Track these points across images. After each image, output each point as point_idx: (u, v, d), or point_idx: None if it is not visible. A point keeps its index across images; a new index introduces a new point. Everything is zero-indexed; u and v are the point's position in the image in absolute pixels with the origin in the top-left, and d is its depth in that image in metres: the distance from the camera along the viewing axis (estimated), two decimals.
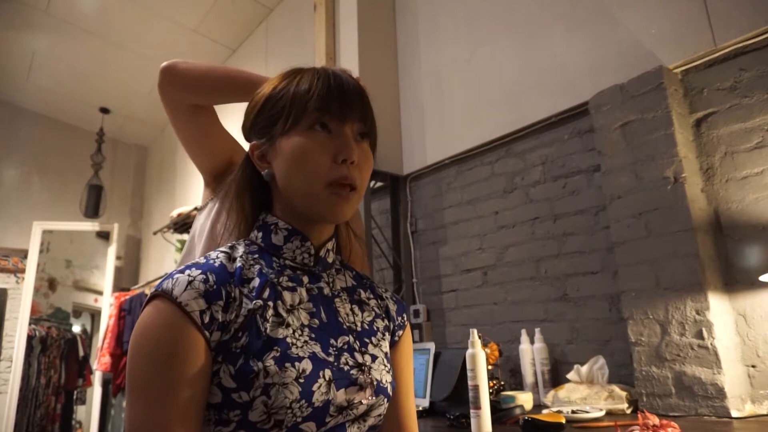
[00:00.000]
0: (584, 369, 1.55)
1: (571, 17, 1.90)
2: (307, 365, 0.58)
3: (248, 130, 0.70)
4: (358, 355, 0.64)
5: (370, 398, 0.62)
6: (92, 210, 4.54)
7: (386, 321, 0.73)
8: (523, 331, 1.80)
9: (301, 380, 0.56)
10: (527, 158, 2.01)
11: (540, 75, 1.98)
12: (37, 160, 4.83)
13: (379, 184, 2.55)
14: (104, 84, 4.42)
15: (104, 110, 4.75)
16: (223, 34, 3.77)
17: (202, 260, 0.61)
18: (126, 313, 4.00)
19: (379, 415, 0.65)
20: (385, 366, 0.67)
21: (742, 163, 1.41)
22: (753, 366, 1.32)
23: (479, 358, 1.15)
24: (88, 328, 4.82)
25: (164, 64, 0.97)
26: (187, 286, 0.55)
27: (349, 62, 2.54)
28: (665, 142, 1.45)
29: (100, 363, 4.02)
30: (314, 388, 0.57)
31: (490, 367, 1.68)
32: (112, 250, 4.64)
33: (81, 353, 4.52)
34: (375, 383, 0.63)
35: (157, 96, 1.05)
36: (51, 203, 4.77)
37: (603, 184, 1.62)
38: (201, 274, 0.57)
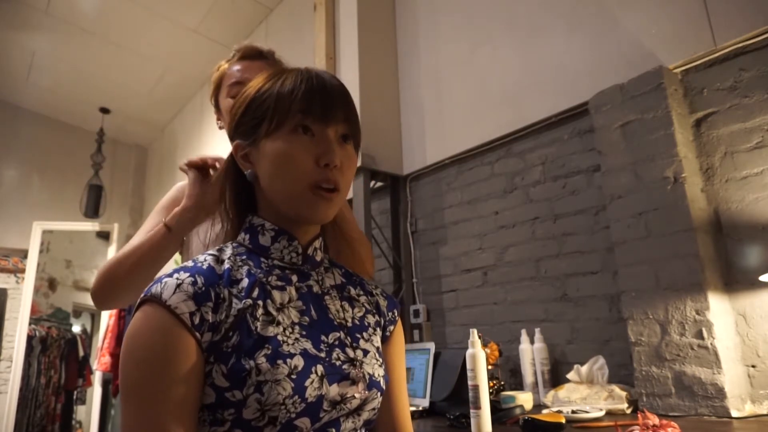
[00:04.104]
0: (584, 369, 1.55)
1: (571, 17, 1.90)
2: (298, 361, 0.58)
3: (232, 131, 0.71)
4: (349, 350, 0.65)
5: (363, 392, 0.63)
6: (92, 210, 4.54)
7: (377, 316, 0.74)
8: (523, 331, 1.80)
9: (294, 376, 0.57)
10: (527, 158, 2.01)
11: (540, 75, 1.98)
12: (37, 160, 4.83)
13: (379, 184, 2.56)
14: (104, 84, 4.42)
15: (104, 110, 4.75)
16: (223, 34, 3.76)
17: (190, 263, 0.62)
18: (126, 313, 4.00)
19: (373, 409, 0.66)
20: (377, 360, 0.68)
21: (742, 163, 1.41)
22: (753, 366, 1.33)
23: (479, 358, 1.15)
24: (88, 328, 4.82)
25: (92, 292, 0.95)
26: (175, 289, 0.56)
27: (349, 62, 2.54)
28: (665, 142, 1.45)
29: (100, 363, 4.03)
30: (307, 383, 0.57)
31: (490, 367, 1.68)
32: (112, 250, 4.64)
33: (81, 353, 4.52)
34: (367, 377, 0.64)
35: (157, 96, 1.06)
36: (51, 203, 4.77)
37: (603, 184, 1.62)
38: (189, 276, 0.58)
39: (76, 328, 4.69)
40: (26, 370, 4.15)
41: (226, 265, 0.63)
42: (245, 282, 0.61)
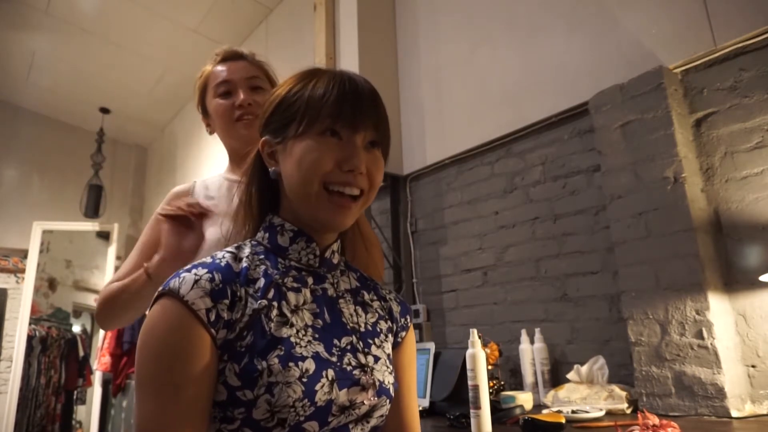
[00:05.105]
0: (584, 369, 1.55)
1: (571, 17, 1.90)
2: (310, 365, 0.58)
3: (261, 128, 0.71)
4: (361, 356, 0.65)
5: (372, 399, 0.63)
6: (92, 210, 4.54)
7: (389, 322, 0.74)
8: (523, 331, 1.80)
9: (305, 380, 0.57)
10: (527, 158, 2.01)
11: (540, 75, 1.98)
12: (37, 160, 4.83)
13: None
14: (104, 84, 4.42)
15: (104, 110, 4.75)
16: (223, 34, 3.76)
17: (209, 260, 0.62)
18: None
19: (381, 416, 0.66)
20: (388, 367, 0.68)
21: (742, 163, 1.41)
22: (753, 366, 1.33)
23: (479, 358, 1.15)
24: (88, 328, 4.82)
25: (96, 317, 1.06)
26: (193, 285, 0.56)
27: (349, 62, 2.54)
28: (665, 142, 1.45)
29: (100, 363, 4.03)
30: (317, 387, 0.57)
31: (490, 367, 1.68)
32: (112, 250, 4.63)
33: (81, 353, 4.52)
34: (377, 384, 0.64)
35: (157, 96, 1.06)
36: (51, 203, 4.77)
37: (603, 184, 1.62)
38: (207, 273, 0.58)
39: (76, 328, 4.69)
40: (26, 370, 4.15)
41: (244, 264, 0.63)
42: (261, 282, 0.62)
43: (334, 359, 0.61)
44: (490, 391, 1.58)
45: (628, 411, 1.40)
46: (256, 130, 1.06)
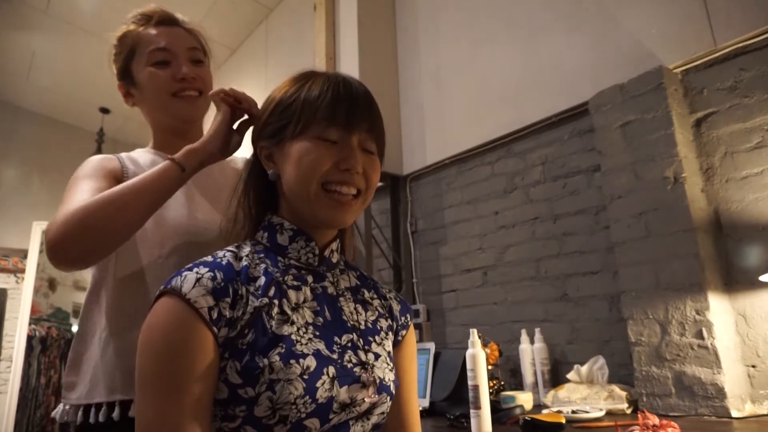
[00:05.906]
0: (584, 369, 1.55)
1: (571, 17, 1.90)
2: (311, 362, 0.58)
3: (257, 131, 0.72)
4: (361, 353, 0.65)
5: (372, 396, 0.63)
6: None
7: (390, 321, 0.74)
8: (523, 331, 1.80)
9: (306, 377, 0.57)
10: (527, 158, 2.01)
11: (540, 75, 1.98)
12: (37, 160, 4.82)
13: (379, 183, 2.55)
14: (104, 84, 4.38)
15: (104, 110, 4.74)
16: (223, 34, 3.76)
17: (210, 258, 0.62)
18: None
19: (383, 413, 0.66)
20: (388, 365, 0.68)
21: (742, 163, 1.41)
22: (753, 366, 1.32)
23: (479, 358, 1.15)
24: None
25: (47, 240, 0.73)
26: (195, 283, 0.57)
27: (349, 62, 2.54)
28: (665, 142, 1.45)
29: None
30: (318, 384, 0.58)
31: (490, 367, 1.68)
32: None
33: None
34: (378, 381, 0.64)
35: None
36: (51, 203, 4.75)
37: (603, 184, 1.62)
38: (209, 271, 0.59)
39: (76, 328, 4.69)
40: (26, 370, 4.15)
41: (244, 263, 0.63)
42: (262, 280, 0.62)
43: (335, 356, 0.62)
44: (490, 391, 1.58)
45: (628, 411, 1.40)
46: (195, 107, 0.96)
